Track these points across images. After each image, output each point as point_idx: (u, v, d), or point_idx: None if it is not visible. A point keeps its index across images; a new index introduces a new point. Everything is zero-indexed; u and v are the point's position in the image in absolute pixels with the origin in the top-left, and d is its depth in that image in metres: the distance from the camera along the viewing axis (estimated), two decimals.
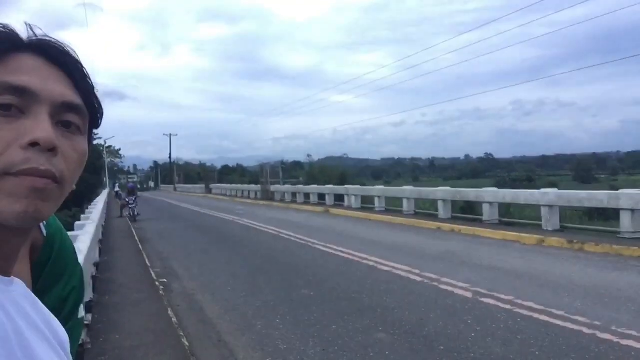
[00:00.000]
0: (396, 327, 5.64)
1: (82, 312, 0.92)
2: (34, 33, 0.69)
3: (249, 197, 37.59)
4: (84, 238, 6.24)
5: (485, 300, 6.57)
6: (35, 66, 0.66)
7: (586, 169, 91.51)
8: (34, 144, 0.62)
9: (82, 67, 0.72)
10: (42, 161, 0.63)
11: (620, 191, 11.62)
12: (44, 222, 0.88)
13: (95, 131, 0.77)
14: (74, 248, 1.09)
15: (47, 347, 0.65)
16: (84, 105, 0.70)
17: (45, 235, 0.97)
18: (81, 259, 4.58)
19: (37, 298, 0.69)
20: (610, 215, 15.33)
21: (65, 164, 0.66)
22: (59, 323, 0.71)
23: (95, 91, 0.74)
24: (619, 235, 10.88)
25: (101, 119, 0.76)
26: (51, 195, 0.65)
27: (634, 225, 10.65)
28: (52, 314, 0.70)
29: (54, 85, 0.67)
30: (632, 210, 10.69)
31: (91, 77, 0.73)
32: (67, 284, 1.01)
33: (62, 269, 1.00)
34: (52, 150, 0.64)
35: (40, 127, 0.63)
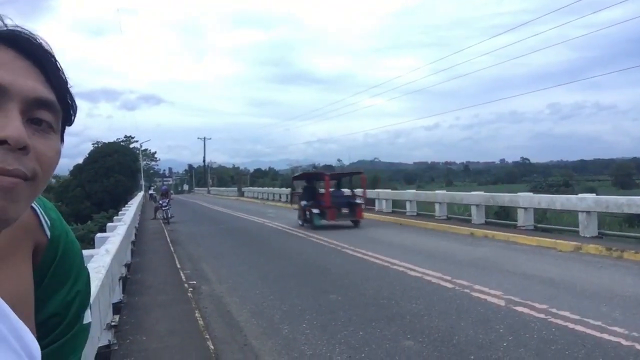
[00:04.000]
0: (425, 335, 5.51)
1: (88, 318, 0.89)
2: (4, 23, 0.65)
3: (280, 200, 37.72)
4: (113, 239, 6.33)
5: (518, 308, 6.37)
6: (4, 59, 0.63)
7: (626, 173, 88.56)
8: (2, 142, 0.59)
9: (55, 60, 0.68)
10: (10, 160, 0.60)
11: None
12: (48, 223, 0.85)
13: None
14: (80, 251, 1.06)
15: (13, 357, 0.60)
16: (56, 102, 0.66)
17: (49, 237, 0.94)
18: (108, 260, 4.63)
19: (6, 306, 0.65)
20: None
21: (38, 162, 0.63)
22: (32, 336, 0.66)
23: (69, 86, 0.70)
24: None
25: (74, 116, 0.72)
26: (20, 195, 0.62)
27: None
28: (24, 325, 0.66)
29: (25, 80, 0.63)
30: None
31: (64, 72, 0.69)
32: (71, 288, 0.98)
33: (66, 273, 0.97)
34: (22, 149, 0.60)
35: (10, 124, 0.60)
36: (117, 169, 50.10)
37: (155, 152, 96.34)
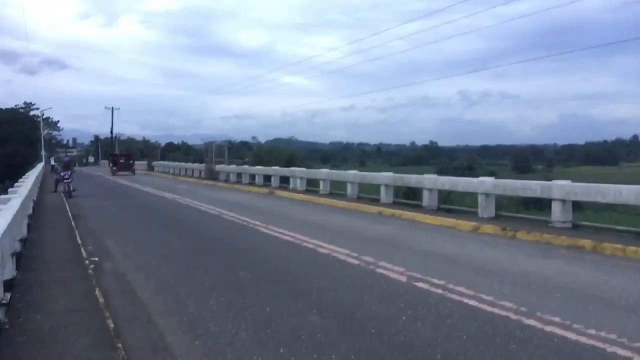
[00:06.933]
0: (330, 310, 5.65)
1: None
2: None
3: (192, 176, 36.89)
4: (5, 213, 5.90)
5: (418, 284, 6.68)
6: None
7: (524, 159, 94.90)
8: None
9: None
10: None
11: (553, 182, 12.04)
12: None
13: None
14: None
15: None
16: None
17: None
18: None
19: None
20: (544, 204, 15.81)
21: None
22: None
23: None
24: (549, 224, 11.27)
25: None
26: None
27: (564, 215, 11.09)
28: None
29: None
30: (563, 201, 11.11)
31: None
32: None
33: None
34: None
35: None
36: (15, 138, 46.47)
37: (58, 121, 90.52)
